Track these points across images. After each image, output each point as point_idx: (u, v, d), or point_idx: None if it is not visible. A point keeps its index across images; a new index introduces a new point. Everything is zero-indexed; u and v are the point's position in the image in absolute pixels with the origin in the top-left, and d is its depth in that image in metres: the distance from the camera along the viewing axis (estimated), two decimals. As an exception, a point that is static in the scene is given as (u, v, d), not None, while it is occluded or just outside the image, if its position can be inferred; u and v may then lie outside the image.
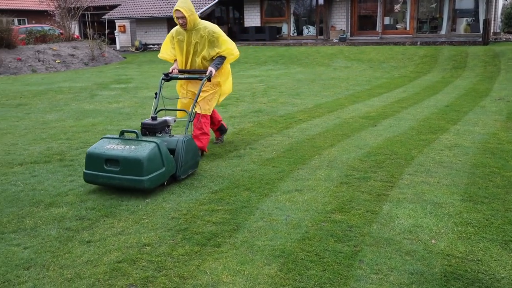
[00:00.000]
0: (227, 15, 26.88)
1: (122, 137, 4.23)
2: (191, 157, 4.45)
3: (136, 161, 3.90)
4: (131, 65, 18.43)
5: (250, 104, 8.71)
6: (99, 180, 4.09)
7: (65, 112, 8.30)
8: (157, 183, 4.04)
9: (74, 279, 2.78)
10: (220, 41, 5.11)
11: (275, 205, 3.84)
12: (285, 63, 16.50)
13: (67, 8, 20.86)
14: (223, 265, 2.91)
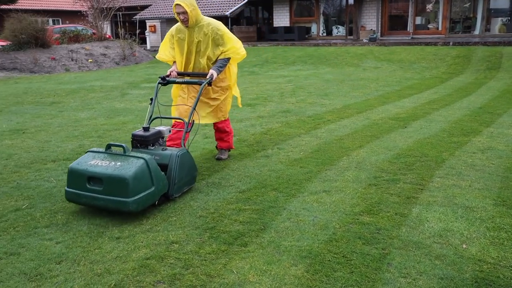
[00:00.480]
0: (256, 15, 26.93)
1: (109, 152, 3.78)
2: (186, 173, 4.01)
3: (121, 180, 3.43)
4: (161, 64, 18.64)
5: (278, 104, 8.70)
6: (82, 200, 3.64)
7: (97, 111, 8.47)
8: (145, 204, 3.58)
9: (103, 274, 2.83)
10: (225, 39, 4.64)
11: (302, 206, 3.83)
12: (314, 63, 16.42)
13: (100, 9, 21.27)
14: (250, 264, 2.92)
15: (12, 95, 10.83)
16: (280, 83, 12.01)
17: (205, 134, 6.41)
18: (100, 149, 3.83)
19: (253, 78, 13.43)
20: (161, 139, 4.18)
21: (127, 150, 3.69)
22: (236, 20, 25.07)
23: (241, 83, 12.17)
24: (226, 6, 23.68)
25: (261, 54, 18.94)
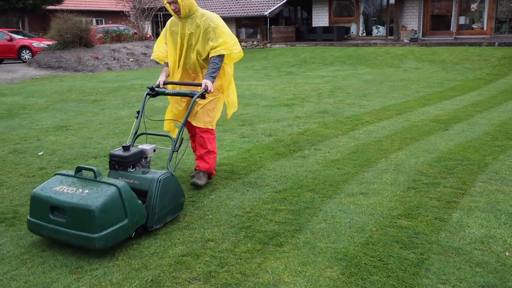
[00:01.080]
0: (295, 15, 26.85)
1: (79, 175, 3.24)
2: (169, 201, 3.42)
3: (86, 211, 2.92)
4: (200, 64, 18.83)
5: (315, 105, 8.64)
6: (44, 232, 3.13)
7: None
8: (116, 240, 3.05)
9: (141, 269, 2.89)
10: (217, 32, 4.02)
11: (338, 208, 3.79)
12: (353, 63, 16.23)
13: (141, 9, 21.71)
14: (285, 265, 2.91)
15: (57, 93, 11.19)
16: (318, 83, 11.93)
17: (243, 133, 6.44)
18: (70, 172, 3.30)
19: (291, 78, 13.40)
20: (144, 160, 3.61)
21: (98, 175, 3.16)
22: (275, 20, 25.06)
23: (278, 83, 12.17)
24: (265, 6, 23.71)
25: (299, 54, 18.86)
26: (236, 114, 7.84)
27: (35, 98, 10.50)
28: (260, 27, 25.10)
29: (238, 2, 25.03)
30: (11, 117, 8.25)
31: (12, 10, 26.82)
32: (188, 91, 3.97)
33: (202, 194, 4.15)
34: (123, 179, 3.34)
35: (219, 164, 5.01)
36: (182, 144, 3.77)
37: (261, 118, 7.50)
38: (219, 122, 7.24)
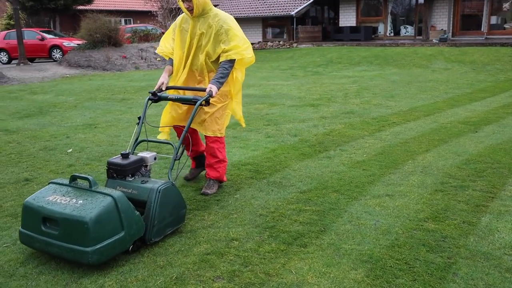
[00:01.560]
0: (322, 15, 26.71)
1: (73, 184, 3.08)
2: (170, 212, 3.23)
3: (79, 224, 2.75)
4: (226, 63, 18.90)
5: (341, 105, 8.58)
6: (36, 244, 2.97)
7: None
8: (111, 254, 2.88)
9: (165, 267, 2.91)
10: (230, 35, 3.83)
11: (364, 209, 3.75)
12: (380, 64, 16.05)
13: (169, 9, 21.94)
14: (309, 265, 2.90)
15: (86, 91, 11.41)
16: (344, 83, 11.84)
17: (268, 133, 6.44)
18: (64, 181, 3.14)
19: (317, 78, 13.33)
20: (144, 168, 3.43)
21: (93, 184, 2.99)
22: (301, 20, 24.98)
23: (304, 83, 12.13)
24: (292, 5, 23.66)
25: (326, 54, 18.75)
26: (261, 114, 7.85)
27: (65, 97, 10.73)
28: (287, 27, 25.05)
29: (264, 2, 25.04)
30: (42, 114, 8.44)
31: (44, 10, 27.45)
32: (191, 97, 3.77)
33: (226, 193, 4.17)
34: (121, 189, 3.18)
35: (244, 163, 5.03)
36: (184, 152, 3.56)
37: (287, 118, 7.48)
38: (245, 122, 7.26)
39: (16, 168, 5.08)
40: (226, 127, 4.26)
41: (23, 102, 10.10)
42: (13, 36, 20.80)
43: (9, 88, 13.16)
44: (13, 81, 14.76)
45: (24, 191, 4.34)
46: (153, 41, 21.01)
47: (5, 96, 11.20)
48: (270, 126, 6.92)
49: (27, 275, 2.84)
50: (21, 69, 17.89)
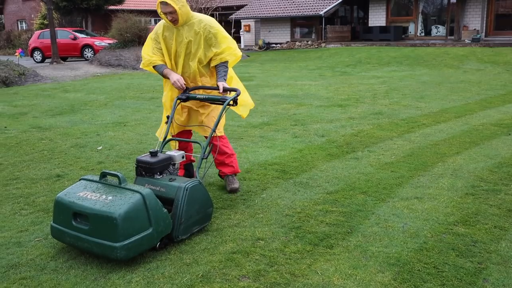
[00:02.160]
0: (351, 15, 26.49)
1: (104, 181, 3.15)
2: (197, 211, 3.26)
3: (108, 219, 2.81)
4: (254, 63, 18.97)
5: (370, 106, 8.48)
6: (66, 239, 3.04)
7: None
8: (139, 250, 2.93)
9: (191, 264, 2.94)
10: (219, 38, 3.87)
11: (392, 211, 3.70)
12: (410, 64, 15.80)
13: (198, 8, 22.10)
14: (335, 267, 2.88)
15: (116, 90, 11.60)
16: (373, 84, 11.71)
17: (295, 133, 6.42)
18: (95, 177, 3.21)
19: (345, 78, 13.23)
20: (172, 166, 3.48)
21: (122, 181, 3.04)
22: (330, 19, 24.82)
23: (332, 83, 12.05)
24: (321, 5, 23.52)
25: (355, 54, 18.58)
26: (288, 114, 7.83)
27: (95, 95, 10.94)
28: (315, 27, 24.93)
29: (293, 2, 24.97)
30: (74, 112, 8.63)
31: (77, 10, 28.03)
32: (219, 97, 3.79)
33: (253, 192, 4.18)
34: (149, 186, 3.22)
35: (271, 163, 5.03)
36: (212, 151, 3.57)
37: (314, 118, 7.45)
38: (270, 121, 7.26)
39: (48, 165, 5.21)
40: (252, 127, 4.26)
41: (55, 100, 10.35)
42: (47, 36, 21.33)
43: (43, 86, 13.50)
44: (46, 79, 15.14)
45: (55, 186, 4.45)
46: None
47: (38, 94, 11.50)
48: (297, 126, 6.90)
49: (58, 269, 2.91)
50: (54, 67, 18.33)
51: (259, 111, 8.26)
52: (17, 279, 2.80)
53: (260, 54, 22.59)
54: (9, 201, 4.11)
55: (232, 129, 6.75)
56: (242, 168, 4.84)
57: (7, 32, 34.18)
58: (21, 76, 14.70)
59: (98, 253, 2.94)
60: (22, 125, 7.49)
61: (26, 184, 4.57)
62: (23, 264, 2.98)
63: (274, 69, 16.33)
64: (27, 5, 36.42)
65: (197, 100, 3.93)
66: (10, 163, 5.32)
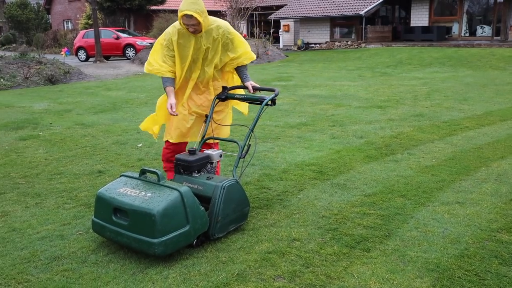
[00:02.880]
0: (393, 15, 26.03)
1: (143, 178, 3.22)
2: (233, 209, 3.29)
3: (147, 215, 2.87)
4: (292, 63, 18.91)
5: (410, 108, 8.31)
6: (106, 233, 3.13)
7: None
8: (176, 246, 2.98)
9: (227, 263, 2.96)
10: (236, 42, 3.81)
11: (431, 216, 3.61)
12: (453, 65, 15.38)
13: (238, 8, 22.22)
14: (372, 270, 2.84)
15: (156, 89, 11.81)
16: (414, 85, 11.46)
17: (333, 134, 6.37)
18: (135, 174, 3.29)
19: (385, 79, 13.01)
20: (210, 165, 3.53)
21: (161, 178, 3.11)
22: (371, 19, 24.46)
23: (372, 84, 11.88)
24: (361, 5, 23.22)
25: (395, 54, 18.25)
26: (326, 115, 7.77)
27: (136, 93, 11.17)
28: (355, 27, 24.63)
29: (333, 2, 24.75)
30: (115, 110, 8.85)
31: (120, 11, 28.70)
32: (258, 96, 3.78)
33: (289, 193, 4.17)
34: (187, 184, 3.26)
35: (308, 164, 5.00)
36: (249, 150, 3.58)
37: (353, 119, 7.36)
38: (308, 122, 7.23)
39: (90, 160, 5.36)
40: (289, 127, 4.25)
41: (98, 98, 10.64)
42: (91, 35, 21.94)
43: (86, 84, 13.90)
44: (90, 77, 15.58)
45: (97, 182, 4.57)
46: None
47: (82, 92, 11.85)
48: (336, 127, 6.84)
49: (98, 262, 2.99)
50: (97, 66, 18.84)
51: (296, 111, 8.23)
52: (59, 270, 2.89)
53: (299, 54, 22.50)
54: (53, 195, 4.26)
55: (269, 129, 6.76)
56: (279, 168, 4.84)
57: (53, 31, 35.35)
58: (66, 74, 15.19)
59: (136, 249, 3.00)
60: (66, 122, 7.74)
61: (69, 179, 4.71)
62: (65, 256, 3.08)
63: (313, 69, 16.23)
64: (73, 5, 37.57)
65: (235, 99, 3.93)
66: (55, 158, 5.51)
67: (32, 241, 3.30)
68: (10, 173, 4.94)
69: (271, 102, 3.66)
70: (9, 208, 3.95)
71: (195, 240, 3.09)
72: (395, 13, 26.00)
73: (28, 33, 36.36)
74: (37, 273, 2.87)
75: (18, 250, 3.17)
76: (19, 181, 4.67)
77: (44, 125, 7.48)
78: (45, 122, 7.72)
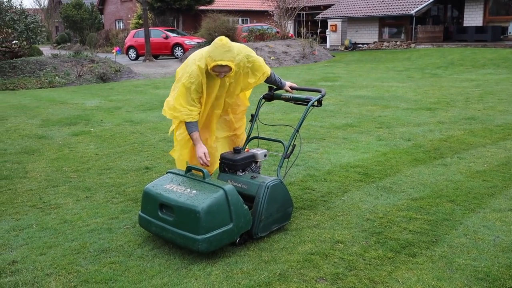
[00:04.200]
0: (444, 14, 25.27)
1: (189, 175, 3.27)
2: (277, 209, 3.29)
3: (191, 212, 2.92)
4: (339, 63, 18.70)
5: (462, 110, 8.04)
6: (152, 228, 3.20)
7: (274, 106, 8.86)
8: (220, 244, 3.01)
9: (270, 262, 2.96)
10: (255, 67, 3.66)
11: (482, 223, 3.48)
12: (509, 67, 14.75)
13: (285, 8, 22.19)
14: (417, 276, 2.76)
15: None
16: (466, 87, 11.08)
17: (379, 136, 6.25)
18: (181, 171, 3.36)
19: (435, 80, 12.64)
20: (254, 164, 3.57)
21: (206, 176, 3.16)
22: (421, 19, 23.84)
23: (421, 85, 11.57)
24: (412, 4, 22.67)
25: (446, 55, 17.71)
26: (373, 116, 7.64)
27: (183, 92, 11.33)
28: (405, 27, 24.07)
29: (382, 1, 24.28)
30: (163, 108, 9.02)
31: (169, 11, 29.27)
32: (304, 96, 3.74)
33: (334, 194, 4.13)
34: (231, 182, 3.28)
35: (353, 165, 4.93)
36: (294, 150, 3.56)
37: (400, 121, 7.20)
38: (354, 123, 7.13)
39: (138, 157, 5.50)
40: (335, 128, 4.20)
41: (146, 96, 10.89)
42: (141, 35, 22.50)
43: (136, 82, 14.27)
44: (139, 76, 15.98)
45: (144, 178, 4.69)
46: (268, 40, 21.42)
47: (132, 90, 12.17)
48: (382, 128, 6.71)
49: (144, 256, 3.06)
50: (146, 65, 19.30)
51: (342, 112, 8.13)
52: (107, 263, 2.98)
53: (346, 54, 22.23)
54: (102, 189, 4.40)
55: (314, 130, 6.71)
56: (323, 169, 4.80)
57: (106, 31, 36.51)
58: (117, 72, 15.66)
59: (181, 244, 3.05)
60: (116, 119, 7.97)
61: (118, 174, 4.85)
62: (113, 249, 3.17)
63: (360, 70, 15.99)
64: (124, 5, 38.65)
65: (282, 99, 3.91)
66: (105, 154, 5.69)
67: (82, 233, 3.42)
68: (63, 167, 5.14)
69: (317, 102, 3.64)
70: (62, 201, 4.12)
71: (238, 238, 3.12)
72: (447, 13, 25.22)
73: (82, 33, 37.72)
74: (86, 264, 2.97)
75: (69, 241, 3.30)
76: (71, 175, 4.85)
77: (95, 122, 7.74)
78: (96, 119, 7.99)
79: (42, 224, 3.60)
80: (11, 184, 4.60)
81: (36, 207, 3.97)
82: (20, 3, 37.72)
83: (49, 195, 4.28)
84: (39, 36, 15.42)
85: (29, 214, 3.81)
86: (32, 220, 3.67)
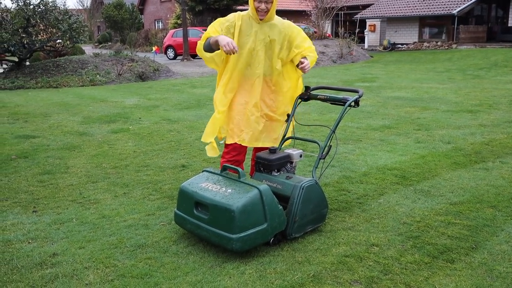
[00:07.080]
0: (488, 14, 24.53)
1: (224, 174, 3.30)
2: (311, 210, 3.28)
3: (226, 211, 2.93)
4: (377, 64, 18.43)
5: (505, 113, 7.78)
6: (187, 226, 3.24)
7: (311, 106, 8.82)
8: (253, 243, 3.00)
9: (303, 263, 2.95)
10: (302, 37, 3.65)
11: (525, 230, 3.36)
12: (556, 68, 14.19)
13: (323, 8, 22.05)
14: (455, 283, 2.69)
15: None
16: (510, 89, 10.72)
17: (418, 138, 6.12)
18: (216, 170, 3.39)
19: (477, 82, 12.28)
20: (289, 164, 3.53)
21: (242, 175, 3.15)
22: (464, 19, 23.20)
23: (462, 87, 11.28)
24: (454, 4, 22.11)
25: (489, 56, 17.18)
26: (412, 118, 7.50)
27: (220, 91, 11.42)
28: (446, 27, 23.50)
29: (423, 1, 23.78)
30: (199, 107, 9.13)
31: (208, 11, 29.56)
32: (341, 97, 3.65)
33: (370, 196, 4.07)
34: (266, 182, 3.28)
35: (390, 168, 4.85)
36: (330, 151, 3.51)
37: (440, 123, 7.03)
38: (392, 125, 7.01)
39: (175, 155, 5.58)
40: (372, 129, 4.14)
41: (184, 95, 11.04)
42: (180, 35, 22.83)
43: (174, 81, 14.48)
44: (177, 75, 16.22)
45: (180, 176, 4.75)
46: (305, 40, 21.34)
47: (169, 89, 12.36)
48: (421, 131, 6.57)
49: (179, 253, 3.10)
50: (184, 64, 19.56)
51: (380, 113, 8.01)
52: (143, 258, 3.04)
53: (384, 54, 21.88)
54: (140, 186, 4.48)
55: (351, 131, 6.64)
56: (359, 171, 4.75)
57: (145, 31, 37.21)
58: (155, 71, 15.93)
59: (215, 242, 3.07)
60: (154, 117, 8.12)
61: (155, 171, 4.94)
62: (149, 245, 3.23)
63: (399, 71, 15.70)
64: (164, 5, 39.30)
65: (318, 99, 3.87)
66: (142, 151, 5.80)
67: (120, 229, 3.50)
68: (102, 164, 5.27)
69: (355, 103, 3.58)
70: (101, 196, 4.22)
71: (272, 238, 3.11)
72: (491, 12, 24.48)
73: (122, 32, 38.59)
74: (123, 259, 3.03)
75: (107, 236, 3.38)
76: (110, 171, 4.97)
77: (134, 120, 7.90)
78: (135, 117, 8.15)
79: (81, 218, 3.70)
80: (53, 179, 4.75)
81: (76, 202, 4.08)
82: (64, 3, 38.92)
83: (88, 190, 4.39)
84: (82, 36, 15.88)
85: (69, 209, 3.92)
86: (72, 215, 3.78)
